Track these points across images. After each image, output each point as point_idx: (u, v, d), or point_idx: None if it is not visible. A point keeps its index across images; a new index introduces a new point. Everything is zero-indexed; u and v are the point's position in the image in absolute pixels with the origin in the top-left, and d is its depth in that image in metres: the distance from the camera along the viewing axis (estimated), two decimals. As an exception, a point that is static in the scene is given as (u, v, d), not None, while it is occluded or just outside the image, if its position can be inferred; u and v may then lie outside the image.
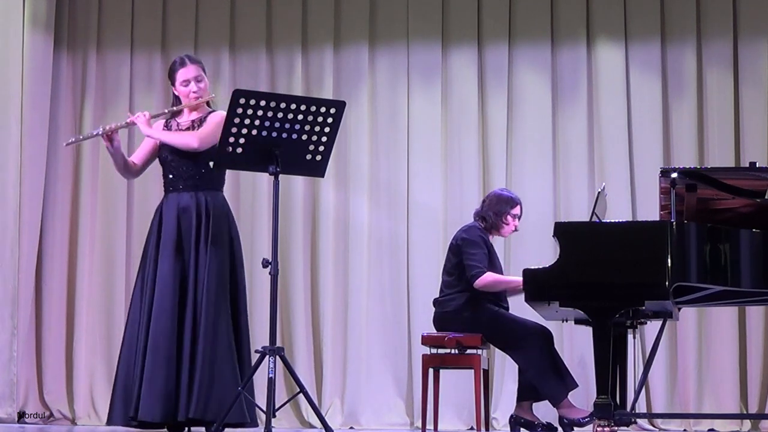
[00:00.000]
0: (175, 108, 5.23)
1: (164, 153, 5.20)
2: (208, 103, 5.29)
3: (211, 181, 5.16)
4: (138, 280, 5.17)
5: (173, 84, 5.25)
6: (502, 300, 6.12)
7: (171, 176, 5.16)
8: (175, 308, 4.98)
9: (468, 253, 6.01)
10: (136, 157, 5.32)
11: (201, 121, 5.18)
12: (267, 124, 4.70)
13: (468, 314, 5.98)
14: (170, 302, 4.98)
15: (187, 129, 5.17)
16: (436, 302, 6.16)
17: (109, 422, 5.13)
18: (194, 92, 5.20)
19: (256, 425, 5.08)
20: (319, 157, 4.86)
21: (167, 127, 5.24)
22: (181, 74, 5.21)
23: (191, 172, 5.11)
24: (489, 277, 5.99)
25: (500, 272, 6.14)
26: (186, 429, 5.11)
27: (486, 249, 6.09)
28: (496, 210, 6.16)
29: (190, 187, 5.11)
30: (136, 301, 5.13)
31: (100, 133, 5.13)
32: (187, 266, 5.03)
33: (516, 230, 6.27)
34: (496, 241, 7.42)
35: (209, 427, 4.94)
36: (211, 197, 5.12)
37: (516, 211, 6.19)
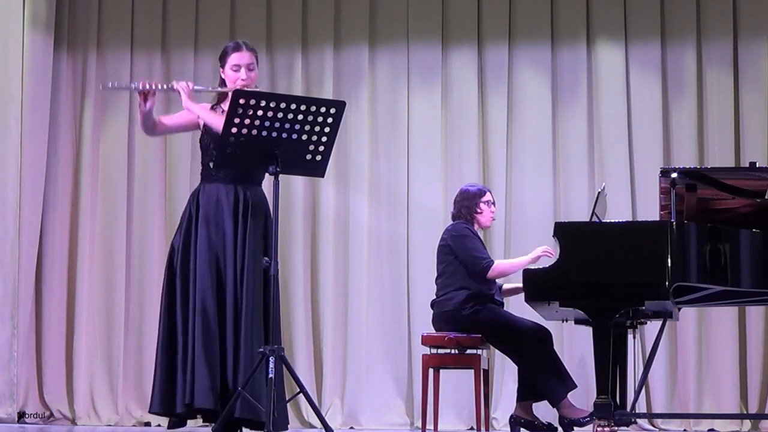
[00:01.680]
0: (219, 89, 5.08)
1: (207, 140, 5.06)
2: None
3: (250, 174, 5.03)
4: (174, 274, 4.97)
5: (222, 66, 5.09)
6: (495, 295, 6.13)
7: (211, 165, 5.04)
8: (215, 306, 4.87)
9: (467, 248, 6.02)
10: (168, 120, 5.12)
11: None
12: (267, 124, 4.69)
13: (467, 313, 5.98)
14: (211, 300, 4.89)
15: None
16: (433, 304, 6.16)
17: (153, 410, 4.97)
18: (242, 80, 5.01)
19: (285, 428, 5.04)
20: (319, 157, 4.85)
21: (212, 109, 5.13)
22: (234, 58, 5.04)
23: None
24: (500, 265, 6.01)
25: None
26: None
27: (479, 239, 6.12)
28: (467, 204, 6.18)
29: (229, 179, 5.00)
30: (172, 296, 4.95)
31: (138, 88, 4.92)
32: (225, 267, 4.92)
33: (494, 219, 6.29)
34: (496, 241, 7.45)
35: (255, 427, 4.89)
36: (251, 191, 5.02)
37: (486, 198, 6.20)
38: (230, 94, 5.00)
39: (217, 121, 4.95)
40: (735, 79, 7.46)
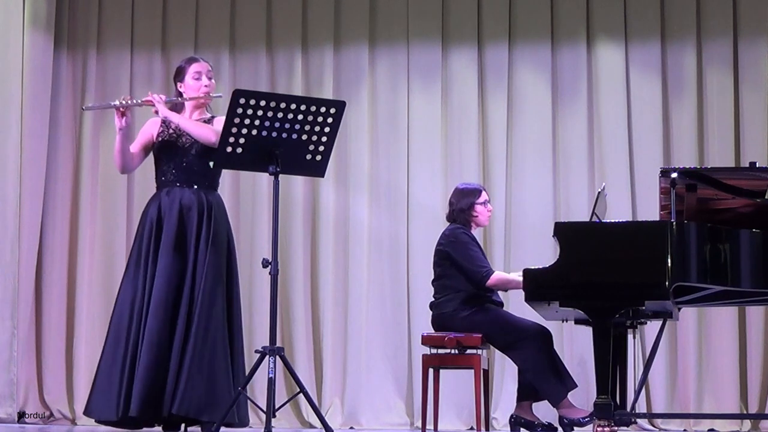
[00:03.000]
0: (185, 98, 5.20)
1: (158, 152, 5.19)
2: (207, 108, 5.29)
3: (211, 181, 5.16)
4: (131, 274, 5.10)
5: (181, 81, 5.23)
6: (494, 294, 6.13)
7: (171, 172, 5.14)
8: (171, 306, 4.97)
9: (466, 256, 6.01)
10: (134, 147, 5.27)
11: (206, 123, 5.18)
12: (267, 124, 4.70)
13: (466, 314, 5.98)
14: (168, 300, 4.96)
15: None
16: (432, 305, 6.16)
17: (89, 414, 5.10)
18: (206, 86, 5.20)
19: (244, 425, 5.07)
20: (319, 157, 4.86)
21: (164, 124, 5.22)
22: (194, 67, 5.22)
23: (194, 170, 5.10)
24: (500, 277, 5.99)
25: None
26: (183, 428, 5.10)
27: (478, 246, 6.11)
28: (463, 205, 6.17)
29: (190, 183, 5.11)
30: (127, 295, 5.07)
31: (116, 105, 5.09)
32: (186, 264, 5.01)
33: (490, 215, 6.30)
34: (496, 241, 7.45)
35: (203, 425, 4.93)
36: (211, 196, 5.13)
37: (482, 198, 6.20)
38: (189, 108, 5.14)
39: (197, 129, 5.05)
40: (735, 79, 7.46)
